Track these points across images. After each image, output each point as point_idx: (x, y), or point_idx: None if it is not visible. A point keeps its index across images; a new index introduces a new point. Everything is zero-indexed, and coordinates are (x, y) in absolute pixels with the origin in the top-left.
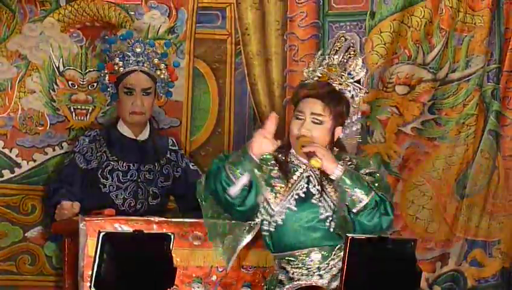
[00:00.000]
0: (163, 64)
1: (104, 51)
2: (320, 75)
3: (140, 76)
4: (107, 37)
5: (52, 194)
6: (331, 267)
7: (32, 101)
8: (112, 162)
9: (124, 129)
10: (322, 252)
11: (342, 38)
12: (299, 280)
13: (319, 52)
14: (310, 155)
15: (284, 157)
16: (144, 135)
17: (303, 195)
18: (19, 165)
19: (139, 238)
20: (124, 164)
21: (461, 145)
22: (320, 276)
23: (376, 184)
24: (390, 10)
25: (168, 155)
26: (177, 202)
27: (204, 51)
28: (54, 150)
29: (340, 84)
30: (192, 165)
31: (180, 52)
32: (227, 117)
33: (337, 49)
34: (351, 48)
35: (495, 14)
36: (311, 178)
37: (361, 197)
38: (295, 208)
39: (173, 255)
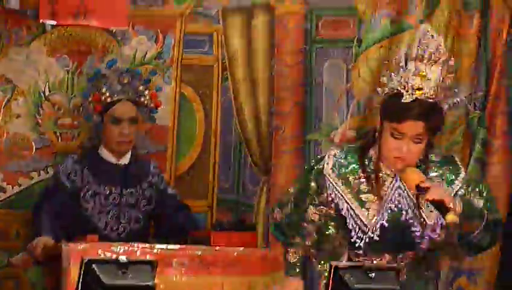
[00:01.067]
0: (147, 91)
1: (90, 80)
2: (416, 88)
3: (127, 105)
4: (92, 67)
5: (36, 216)
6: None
7: (18, 125)
8: (93, 186)
9: (105, 154)
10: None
11: (426, 36)
12: None
13: (403, 56)
14: (438, 206)
15: (374, 169)
16: (126, 159)
17: (395, 209)
18: (3, 190)
19: (122, 265)
20: (106, 188)
21: None
22: None
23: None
24: (377, 37)
25: (150, 178)
26: (154, 226)
27: (191, 76)
28: (39, 174)
29: (436, 94)
30: (171, 189)
31: (167, 78)
32: (213, 143)
33: (425, 50)
34: (439, 47)
35: (481, 41)
36: (400, 191)
37: (475, 227)
38: (386, 224)
39: (157, 282)
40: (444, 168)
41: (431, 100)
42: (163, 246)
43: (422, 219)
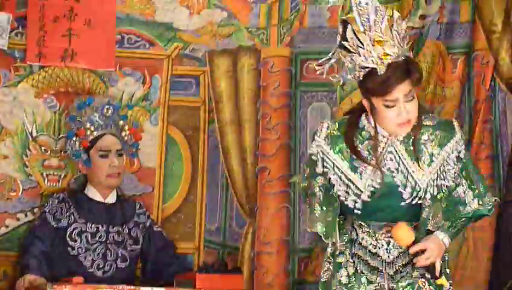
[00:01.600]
0: (126, 126)
1: (70, 119)
2: (382, 55)
3: (112, 138)
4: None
5: (23, 254)
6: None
7: (5, 166)
8: (80, 225)
9: (92, 193)
10: None
11: (362, 3)
12: (366, 247)
13: (350, 32)
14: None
15: (370, 137)
16: (112, 198)
17: (386, 171)
18: None
19: None
20: (93, 226)
21: None
22: (388, 251)
23: (465, 172)
24: None
25: (136, 218)
26: (141, 265)
27: (178, 118)
28: (26, 215)
29: (403, 52)
30: (156, 227)
31: (154, 119)
32: (200, 184)
33: (367, 18)
34: (378, 8)
35: (465, 87)
36: (392, 155)
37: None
38: (378, 186)
39: None
40: (436, 132)
41: (402, 57)
42: (149, 288)
43: (413, 182)
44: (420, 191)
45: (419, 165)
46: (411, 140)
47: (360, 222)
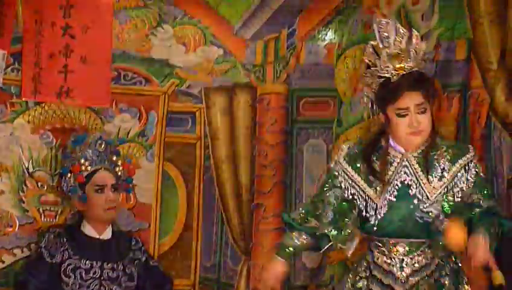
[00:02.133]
0: (119, 161)
1: (64, 156)
2: (398, 68)
3: (106, 173)
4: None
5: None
6: (414, 263)
7: (1, 202)
8: (74, 260)
9: (87, 229)
10: (409, 247)
11: (383, 22)
12: (381, 266)
13: (370, 46)
14: (486, 268)
15: (383, 153)
16: (107, 234)
17: (400, 185)
18: None
19: None
20: (87, 262)
21: None
22: (402, 269)
23: (480, 191)
24: (356, 118)
25: (131, 255)
26: None
27: (174, 154)
28: (22, 251)
29: (418, 66)
30: (153, 262)
31: (150, 155)
32: (196, 221)
33: (386, 35)
34: (398, 28)
35: (460, 125)
36: (407, 169)
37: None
38: (394, 199)
39: None
40: (450, 150)
41: (416, 70)
42: None
43: (425, 196)
44: (428, 204)
45: (428, 179)
46: (424, 155)
47: (376, 242)
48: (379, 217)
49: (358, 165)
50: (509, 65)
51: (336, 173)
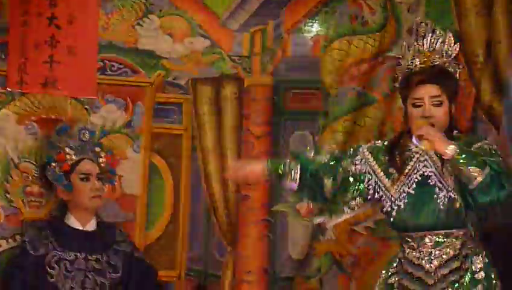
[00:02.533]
0: (103, 153)
1: (49, 146)
2: (423, 61)
3: (90, 162)
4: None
5: (5, 283)
6: (442, 254)
7: None
8: (58, 252)
9: (71, 220)
10: (436, 238)
11: (423, 24)
12: (411, 260)
13: (405, 44)
14: (421, 138)
15: (404, 148)
16: (92, 225)
17: (420, 178)
18: None
19: None
20: (71, 254)
21: None
22: (430, 261)
23: (492, 157)
24: (342, 110)
25: (116, 246)
26: None
27: (161, 145)
28: (7, 242)
29: (444, 63)
30: (138, 254)
31: (137, 146)
32: (182, 212)
33: (423, 34)
34: (436, 30)
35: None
36: (427, 162)
37: (476, 174)
38: (413, 192)
39: None
40: (465, 139)
41: (439, 65)
42: None
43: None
44: (448, 191)
45: (446, 168)
46: None
47: (406, 238)
48: (395, 208)
49: (380, 157)
50: (495, 58)
51: (357, 154)
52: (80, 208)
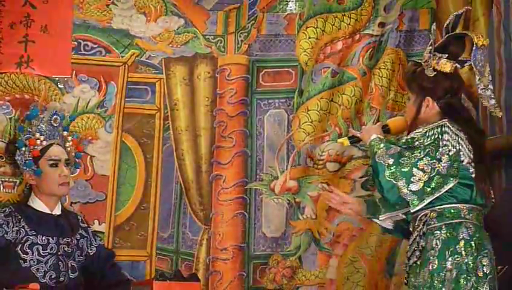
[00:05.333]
0: (70, 137)
1: (19, 129)
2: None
3: (59, 148)
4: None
5: None
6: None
7: None
8: (31, 237)
9: (38, 204)
10: None
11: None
12: None
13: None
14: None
15: None
16: (58, 209)
17: None
18: None
19: None
20: (43, 238)
21: None
22: None
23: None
24: (317, 89)
25: (81, 231)
26: (89, 279)
27: (133, 125)
28: None
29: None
30: (100, 240)
31: (109, 126)
32: (153, 192)
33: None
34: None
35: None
36: None
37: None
38: None
39: None
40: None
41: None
42: None
43: None
44: None
45: None
46: None
47: None
48: None
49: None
50: None
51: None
52: (46, 194)
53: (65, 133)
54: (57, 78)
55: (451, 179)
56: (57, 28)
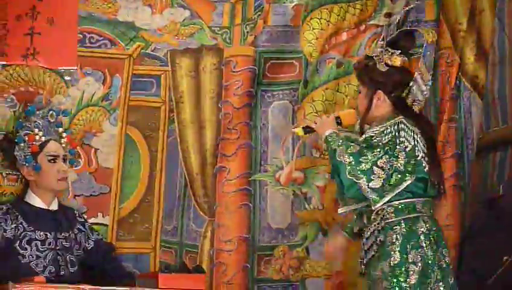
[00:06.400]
0: (64, 133)
1: (18, 126)
2: None
3: (56, 143)
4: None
5: None
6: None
7: None
8: (28, 233)
9: (35, 200)
10: None
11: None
12: None
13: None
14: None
15: None
16: (55, 205)
17: None
18: None
19: None
20: (41, 233)
21: None
22: None
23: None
24: (322, 80)
25: (78, 226)
26: (90, 274)
27: (138, 118)
28: None
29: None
30: (98, 235)
31: (113, 119)
32: (158, 185)
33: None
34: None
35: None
36: None
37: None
38: None
39: None
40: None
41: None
42: (110, 287)
43: None
44: None
45: None
46: None
47: None
48: None
49: None
50: (478, 25)
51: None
52: (45, 189)
53: (60, 129)
54: (63, 71)
55: (408, 175)
56: (63, 20)
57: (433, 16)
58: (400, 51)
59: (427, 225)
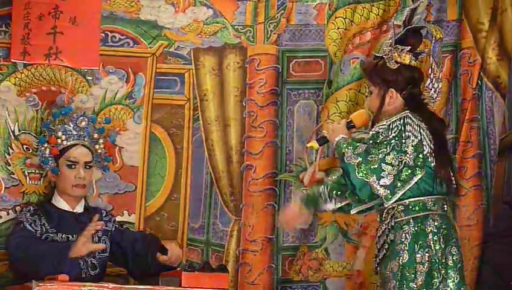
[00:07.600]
0: (101, 139)
1: (44, 125)
2: None
3: (82, 150)
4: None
5: (20, 253)
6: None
7: None
8: (51, 235)
9: (60, 203)
10: None
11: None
12: None
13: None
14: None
15: None
16: (80, 207)
17: None
18: None
19: None
20: (63, 236)
21: None
22: None
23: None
24: (346, 80)
25: (105, 227)
26: (127, 270)
27: (162, 116)
28: (8, 213)
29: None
30: (122, 227)
31: (137, 117)
32: (184, 183)
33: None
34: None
35: (452, 85)
36: None
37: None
38: None
39: None
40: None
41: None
42: (134, 286)
43: None
44: None
45: None
46: None
47: None
48: None
49: None
50: (500, 25)
51: None
52: (63, 192)
53: (96, 135)
54: (85, 70)
55: (419, 170)
56: (86, 20)
57: (455, 16)
58: (409, 48)
59: (436, 223)
